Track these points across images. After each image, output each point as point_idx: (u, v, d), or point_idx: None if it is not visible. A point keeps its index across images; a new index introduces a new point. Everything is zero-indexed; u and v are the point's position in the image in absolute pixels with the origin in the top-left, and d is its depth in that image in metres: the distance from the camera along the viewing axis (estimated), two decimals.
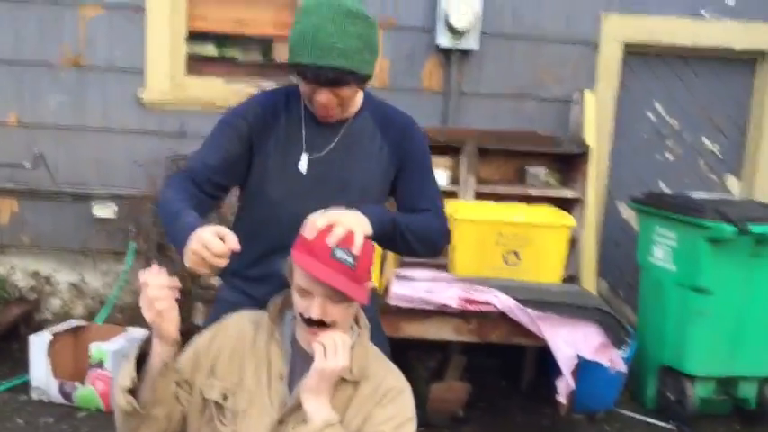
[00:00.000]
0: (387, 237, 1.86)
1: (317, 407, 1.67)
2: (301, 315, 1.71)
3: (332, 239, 1.66)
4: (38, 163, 4.70)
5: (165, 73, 4.67)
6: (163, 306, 1.66)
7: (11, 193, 4.74)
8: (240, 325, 1.84)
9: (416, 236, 1.94)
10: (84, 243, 4.74)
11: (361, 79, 1.83)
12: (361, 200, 1.88)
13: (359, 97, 1.97)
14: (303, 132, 1.95)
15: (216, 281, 2.74)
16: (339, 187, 1.93)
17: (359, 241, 1.69)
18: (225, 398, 1.74)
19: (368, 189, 1.97)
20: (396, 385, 1.78)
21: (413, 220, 1.96)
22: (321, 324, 1.69)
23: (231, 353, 1.78)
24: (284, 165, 1.94)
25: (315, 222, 1.69)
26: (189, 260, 1.65)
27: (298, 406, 1.71)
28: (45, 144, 4.71)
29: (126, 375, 1.68)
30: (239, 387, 1.75)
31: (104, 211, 4.70)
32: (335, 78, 1.78)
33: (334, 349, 1.68)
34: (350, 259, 1.67)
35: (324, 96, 1.82)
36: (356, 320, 1.84)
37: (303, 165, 1.94)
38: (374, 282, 1.85)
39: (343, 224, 1.69)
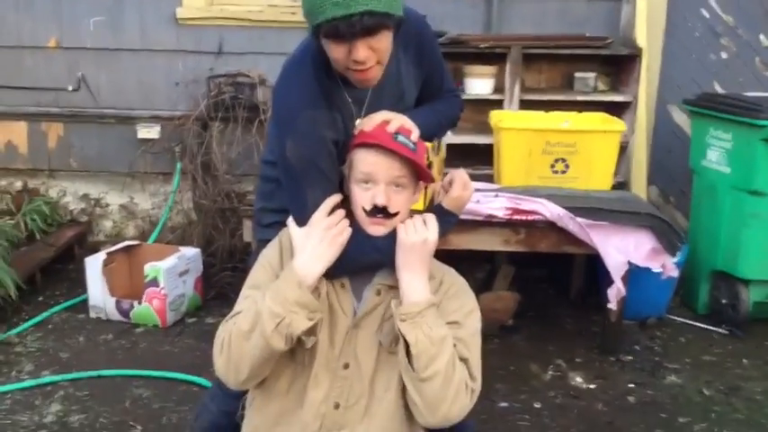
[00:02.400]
0: (429, 138, 1.92)
1: (412, 282, 1.72)
2: (363, 209, 1.74)
3: (392, 127, 1.73)
4: (80, 86, 4.72)
5: None
6: (346, 237, 1.74)
7: (56, 117, 4.78)
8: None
9: (448, 125, 2.11)
10: (131, 165, 4.79)
11: (395, 22, 1.68)
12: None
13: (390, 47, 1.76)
14: (348, 97, 1.83)
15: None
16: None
17: (416, 131, 1.77)
18: None
19: (408, 103, 1.98)
20: (456, 280, 1.88)
21: (443, 113, 2.04)
22: (386, 213, 1.73)
23: None
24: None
25: (372, 118, 1.77)
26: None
27: (369, 311, 1.78)
28: (86, 67, 4.71)
29: (303, 317, 1.67)
30: None
31: (149, 132, 4.73)
32: (372, 25, 1.60)
33: (415, 225, 1.75)
34: (411, 144, 1.73)
35: (362, 51, 1.63)
36: None
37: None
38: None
39: (399, 118, 1.77)
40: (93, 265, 3.91)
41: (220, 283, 4.25)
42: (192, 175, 4.54)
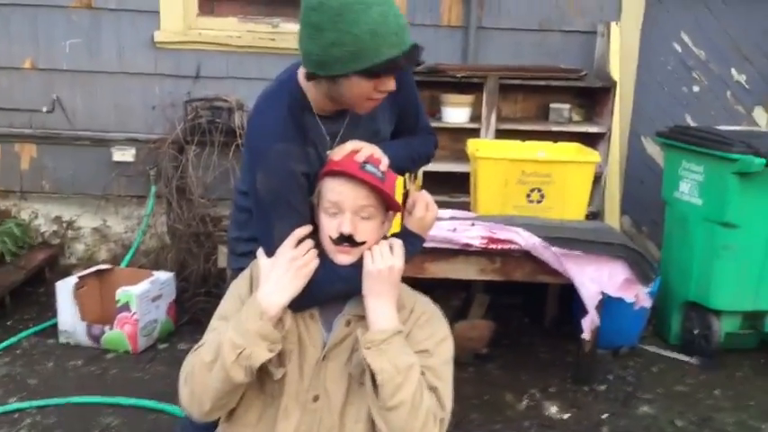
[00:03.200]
0: (400, 170, 1.93)
1: (378, 310, 1.71)
2: (330, 237, 1.73)
3: (360, 157, 1.73)
4: (55, 108, 4.68)
5: (178, 13, 4.58)
6: (311, 269, 1.74)
7: (30, 139, 4.73)
8: None
9: (420, 161, 2.10)
10: (105, 188, 4.74)
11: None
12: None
13: None
14: (323, 130, 1.84)
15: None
16: None
17: (385, 161, 1.77)
18: None
19: (383, 139, 1.98)
20: (427, 308, 1.85)
21: (416, 148, 2.05)
22: (352, 242, 1.72)
23: None
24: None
25: (342, 147, 1.77)
26: None
27: (338, 342, 1.76)
28: (61, 89, 4.67)
29: (263, 349, 1.65)
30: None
31: (124, 155, 4.68)
32: (418, 58, 1.71)
33: (381, 252, 1.73)
34: (379, 173, 1.72)
35: (393, 82, 1.71)
36: None
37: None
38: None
39: (368, 147, 1.76)
40: (64, 289, 3.86)
41: (194, 309, 4.20)
42: (167, 199, 4.51)
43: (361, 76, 1.65)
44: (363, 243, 1.74)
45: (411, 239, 1.84)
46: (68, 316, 3.85)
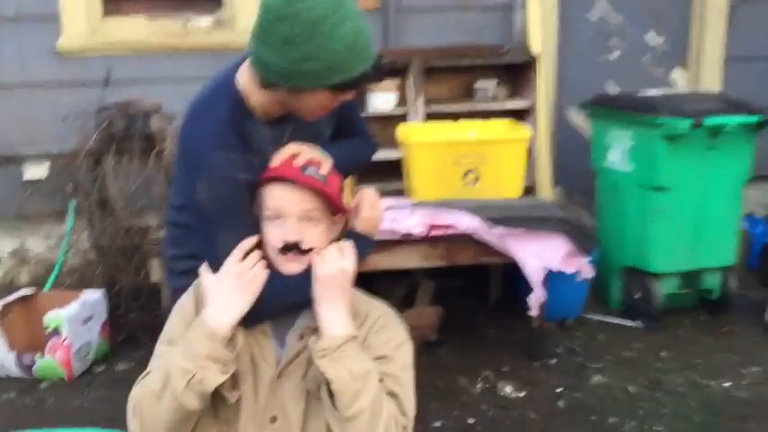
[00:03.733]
0: (343, 173, 1.83)
1: (331, 316, 1.61)
2: (276, 247, 1.64)
3: (300, 160, 1.66)
4: None
5: (81, 17, 4.34)
6: (260, 284, 1.64)
7: None
8: None
9: (362, 164, 2.06)
10: (20, 207, 4.48)
11: None
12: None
13: None
14: (265, 138, 1.74)
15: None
16: None
17: (327, 163, 1.69)
18: None
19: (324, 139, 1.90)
20: (384, 313, 1.76)
21: (358, 150, 2.00)
22: (299, 250, 1.63)
23: None
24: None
25: (281, 152, 1.69)
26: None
27: (293, 358, 1.67)
28: None
29: (216, 372, 1.55)
30: None
31: (36, 171, 4.44)
32: (383, 66, 1.66)
33: (331, 256, 1.64)
34: (320, 176, 1.65)
35: (352, 93, 1.67)
36: None
37: None
38: None
39: (308, 151, 1.69)
40: None
41: (129, 326, 4.02)
42: (88, 214, 4.28)
43: (329, 89, 1.59)
44: (311, 250, 1.64)
45: (360, 241, 1.75)
46: None
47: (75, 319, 3.62)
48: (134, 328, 3.99)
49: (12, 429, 3.15)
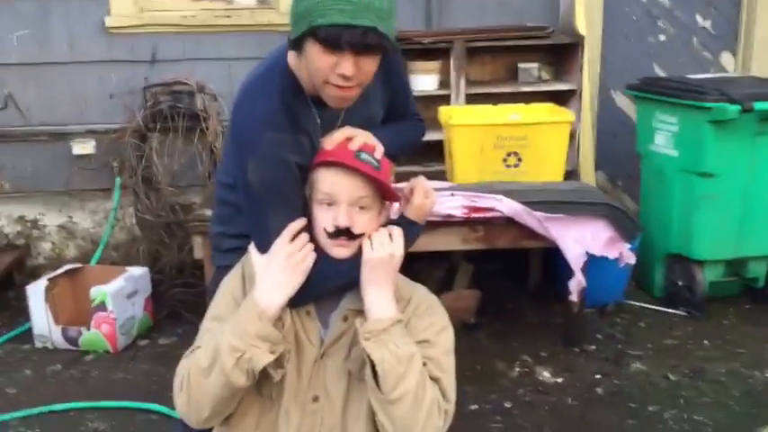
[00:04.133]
0: (391, 158, 1.82)
1: (377, 299, 1.63)
2: (326, 231, 1.65)
3: (354, 145, 1.66)
4: (7, 104, 4.48)
5: None
6: (309, 265, 1.65)
7: None
8: None
9: (410, 148, 2.06)
10: (68, 183, 4.57)
11: (389, 50, 1.61)
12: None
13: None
14: (317, 118, 1.73)
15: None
16: None
17: (380, 148, 1.69)
18: None
19: (376, 121, 1.90)
20: (426, 298, 1.78)
21: (406, 135, 1.99)
22: (349, 235, 1.64)
23: None
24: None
25: (333, 135, 1.69)
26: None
27: (336, 339, 1.69)
28: (12, 83, 4.46)
29: (265, 351, 1.57)
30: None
31: (84, 147, 4.51)
32: (373, 43, 1.52)
33: (380, 240, 1.66)
34: (374, 161, 1.64)
35: (351, 67, 1.54)
36: None
37: None
38: None
39: (362, 135, 1.69)
40: (35, 292, 3.72)
41: (171, 302, 4.10)
42: (134, 190, 4.35)
43: (314, 41, 1.55)
44: (361, 236, 1.66)
45: (409, 227, 1.76)
46: (42, 320, 3.72)
47: (120, 294, 3.70)
48: (177, 304, 4.08)
49: (58, 400, 3.25)
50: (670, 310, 4.05)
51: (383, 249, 1.65)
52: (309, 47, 1.57)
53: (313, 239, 1.68)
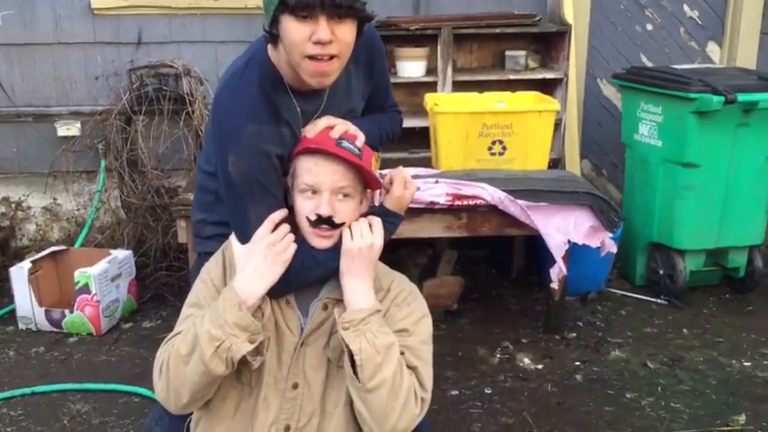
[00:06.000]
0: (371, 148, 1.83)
1: (356, 289, 1.66)
2: (308, 219, 1.67)
3: (335, 133, 1.67)
4: None
5: None
6: (290, 255, 1.66)
7: None
8: None
9: (387, 140, 2.05)
10: (53, 165, 4.55)
11: (364, 17, 1.62)
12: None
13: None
14: (298, 109, 1.75)
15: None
16: None
17: (361, 136, 1.70)
18: None
19: (357, 113, 1.92)
20: (405, 287, 1.80)
21: (385, 126, 2.01)
22: (330, 224, 1.66)
23: None
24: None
25: (315, 123, 1.71)
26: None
27: (316, 327, 1.71)
28: None
29: (244, 340, 1.59)
30: None
31: (69, 129, 4.50)
32: (340, 2, 1.54)
33: (360, 230, 1.68)
34: (356, 149, 1.65)
35: (324, 29, 1.56)
36: None
37: None
38: None
39: (343, 123, 1.71)
40: (19, 274, 3.72)
41: (155, 285, 4.11)
42: (119, 173, 4.34)
43: (287, 15, 1.56)
44: (342, 224, 1.67)
45: (389, 218, 1.78)
46: (26, 301, 3.73)
47: (104, 277, 3.70)
48: (161, 287, 4.09)
49: (40, 382, 3.26)
50: (651, 299, 4.09)
51: (363, 240, 1.67)
52: (283, 23, 1.58)
53: (293, 230, 1.69)
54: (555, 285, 3.60)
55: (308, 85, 1.68)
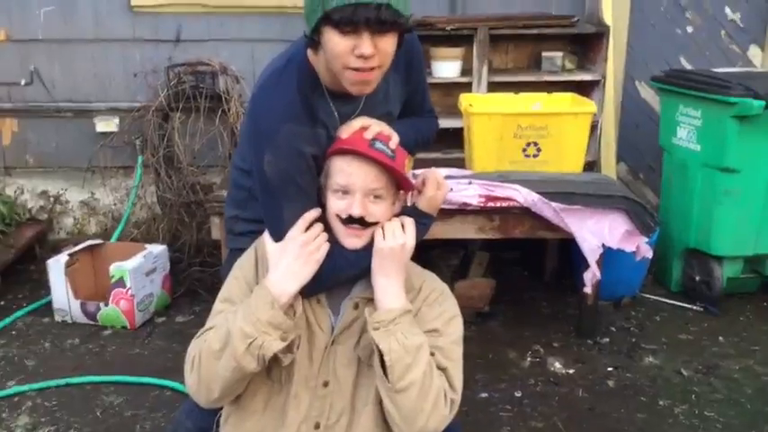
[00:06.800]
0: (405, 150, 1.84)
1: (387, 289, 1.66)
2: (339, 217, 1.67)
3: (369, 134, 1.67)
4: (33, 79, 4.54)
5: None
6: (323, 254, 1.67)
7: (9, 113, 4.61)
8: None
9: (423, 144, 2.04)
10: (91, 160, 4.63)
11: (405, 27, 1.62)
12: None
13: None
14: (335, 112, 1.75)
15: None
16: None
17: (395, 138, 1.70)
18: None
19: (393, 117, 1.91)
20: (437, 286, 1.80)
21: (420, 130, 2.00)
22: (362, 223, 1.66)
23: None
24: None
25: (349, 124, 1.70)
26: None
27: (347, 326, 1.72)
28: (38, 59, 4.53)
29: (276, 338, 1.60)
30: None
31: (107, 125, 4.57)
32: (388, 18, 1.53)
33: (392, 230, 1.68)
34: (389, 151, 1.65)
35: (367, 45, 1.55)
36: None
37: None
38: None
39: (377, 124, 1.71)
40: (56, 267, 3.78)
41: (189, 280, 4.15)
42: (155, 169, 4.40)
43: (330, 27, 1.56)
44: (374, 224, 1.67)
45: (421, 218, 1.77)
46: (62, 294, 3.79)
47: (139, 272, 3.75)
48: (194, 283, 4.13)
49: (75, 373, 3.31)
50: (686, 305, 4.03)
51: (395, 240, 1.66)
52: (326, 34, 1.58)
53: (327, 230, 1.70)
54: (588, 290, 3.56)
55: (348, 91, 1.68)
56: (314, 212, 1.69)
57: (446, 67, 4.22)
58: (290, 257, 1.64)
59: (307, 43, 1.68)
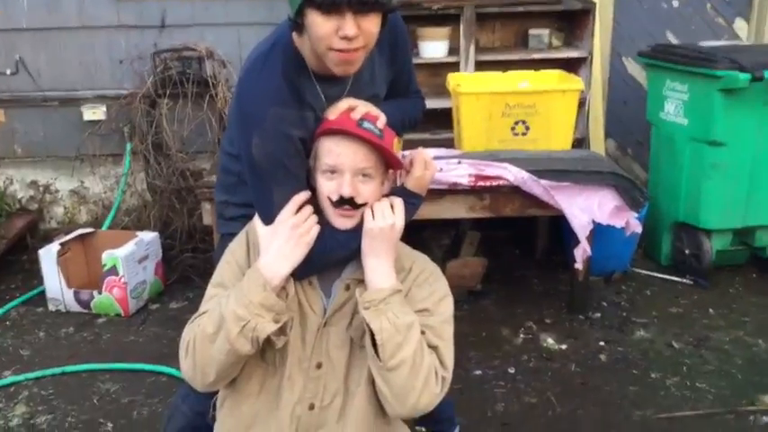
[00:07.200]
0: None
1: (377, 269, 1.67)
2: (329, 199, 1.68)
3: (356, 114, 1.67)
4: (18, 69, 4.51)
5: None
6: (313, 236, 1.67)
7: None
8: None
9: (409, 125, 2.04)
10: (79, 148, 4.61)
11: (387, 7, 1.62)
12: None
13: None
14: (321, 94, 1.74)
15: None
16: None
17: (383, 117, 1.70)
18: None
19: (380, 99, 1.91)
20: (427, 267, 1.80)
21: (407, 111, 2.00)
22: (352, 204, 1.67)
23: None
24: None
25: (336, 106, 1.70)
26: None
27: (339, 307, 1.72)
28: (23, 48, 4.49)
29: (269, 320, 1.60)
30: None
31: (95, 113, 4.55)
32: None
33: (382, 210, 1.68)
34: (377, 130, 1.66)
35: (351, 25, 1.54)
36: None
37: None
38: None
39: (364, 104, 1.71)
40: (47, 256, 3.78)
41: (182, 266, 4.15)
42: (144, 156, 4.40)
43: (313, 9, 1.55)
44: (364, 205, 1.68)
45: (410, 198, 1.78)
46: (55, 283, 3.79)
47: (131, 259, 3.75)
48: (187, 269, 4.14)
49: (70, 362, 3.32)
50: (676, 279, 4.06)
51: (384, 220, 1.67)
52: (309, 16, 1.57)
53: (317, 212, 1.70)
54: (579, 266, 3.59)
55: (333, 72, 1.68)
56: (303, 195, 1.70)
57: (433, 47, 4.21)
58: (281, 240, 1.65)
59: (291, 26, 1.67)
